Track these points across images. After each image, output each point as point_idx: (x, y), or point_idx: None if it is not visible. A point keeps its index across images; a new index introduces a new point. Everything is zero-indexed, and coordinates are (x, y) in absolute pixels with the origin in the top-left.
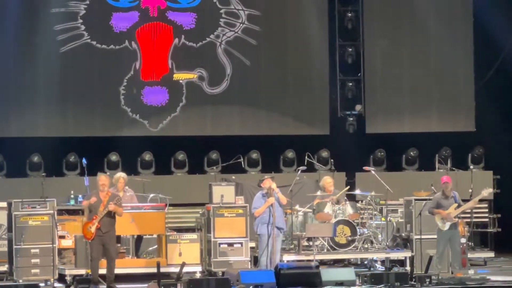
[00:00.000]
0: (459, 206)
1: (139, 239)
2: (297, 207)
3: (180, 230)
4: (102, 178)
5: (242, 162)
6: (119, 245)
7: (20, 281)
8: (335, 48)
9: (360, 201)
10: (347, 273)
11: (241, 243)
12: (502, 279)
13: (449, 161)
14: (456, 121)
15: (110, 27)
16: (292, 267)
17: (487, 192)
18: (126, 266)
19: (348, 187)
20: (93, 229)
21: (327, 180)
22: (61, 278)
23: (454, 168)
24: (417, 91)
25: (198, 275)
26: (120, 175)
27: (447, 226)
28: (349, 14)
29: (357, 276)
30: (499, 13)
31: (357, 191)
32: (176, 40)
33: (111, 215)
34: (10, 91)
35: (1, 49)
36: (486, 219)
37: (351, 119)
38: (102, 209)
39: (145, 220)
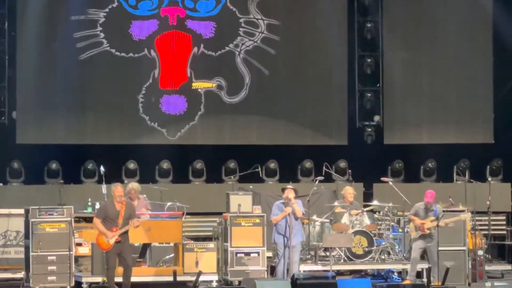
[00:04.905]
0: (436, 220)
1: (145, 245)
2: (314, 217)
3: (197, 239)
4: (120, 189)
5: (260, 172)
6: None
7: None
8: (354, 59)
9: (377, 212)
10: (363, 284)
11: (258, 253)
12: None
13: (467, 173)
14: (475, 133)
15: (130, 35)
16: (309, 277)
17: (465, 217)
18: (142, 274)
19: (372, 207)
20: (112, 241)
21: (349, 191)
22: (78, 286)
23: (472, 180)
24: (436, 102)
25: (214, 284)
26: (132, 186)
27: (417, 234)
28: (369, 25)
29: (373, 287)
30: None
31: (375, 202)
32: (195, 48)
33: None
34: (28, 98)
35: (20, 56)
36: (504, 232)
37: (369, 129)
38: (121, 221)
39: (162, 228)
